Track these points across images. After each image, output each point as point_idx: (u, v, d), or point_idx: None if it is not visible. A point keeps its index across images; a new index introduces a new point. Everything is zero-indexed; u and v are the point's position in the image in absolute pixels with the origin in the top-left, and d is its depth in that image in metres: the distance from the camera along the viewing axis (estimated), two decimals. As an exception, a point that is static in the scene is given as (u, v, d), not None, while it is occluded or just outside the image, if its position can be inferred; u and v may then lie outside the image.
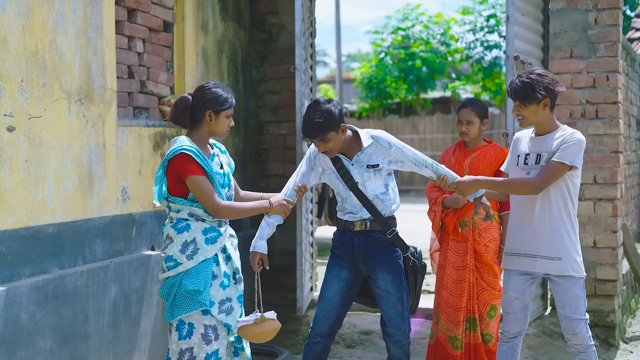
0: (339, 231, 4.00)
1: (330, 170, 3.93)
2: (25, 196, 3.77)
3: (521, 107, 3.78)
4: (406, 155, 3.91)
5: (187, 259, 3.45)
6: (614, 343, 5.46)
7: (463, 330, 4.59)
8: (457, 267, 4.60)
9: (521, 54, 5.19)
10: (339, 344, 5.71)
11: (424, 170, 3.94)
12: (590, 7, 5.43)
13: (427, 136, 23.30)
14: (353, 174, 3.88)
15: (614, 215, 5.45)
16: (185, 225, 3.48)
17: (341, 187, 3.91)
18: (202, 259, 3.46)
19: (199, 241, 3.47)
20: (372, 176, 3.89)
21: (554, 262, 3.76)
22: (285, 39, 6.39)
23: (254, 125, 6.49)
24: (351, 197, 3.90)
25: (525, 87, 3.73)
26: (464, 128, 4.63)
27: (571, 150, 3.69)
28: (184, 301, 3.43)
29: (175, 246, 3.47)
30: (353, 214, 3.92)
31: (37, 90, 3.84)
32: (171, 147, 3.49)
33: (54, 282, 3.85)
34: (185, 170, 3.42)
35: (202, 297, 3.41)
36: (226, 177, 3.63)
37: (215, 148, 3.68)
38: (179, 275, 3.45)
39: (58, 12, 4.00)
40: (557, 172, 3.70)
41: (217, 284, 3.48)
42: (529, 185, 3.74)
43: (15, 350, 3.57)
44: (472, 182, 3.84)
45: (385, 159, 3.90)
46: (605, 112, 5.43)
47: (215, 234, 3.52)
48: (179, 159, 3.42)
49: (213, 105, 3.52)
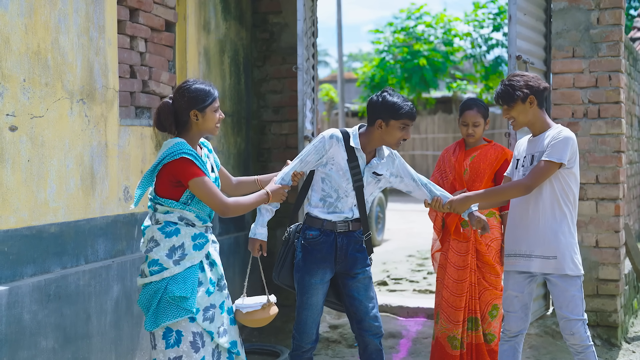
0: (320, 232, 3.83)
1: (339, 166, 3.79)
2: (28, 196, 3.77)
3: (508, 109, 3.86)
4: (408, 171, 3.97)
5: (173, 264, 3.30)
6: (617, 343, 5.46)
7: (464, 330, 4.60)
8: (458, 267, 4.60)
9: (523, 54, 5.18)
10: (340, 344, 5.70)
11: (420, 189, 3.98)
12: (593, 7, 5.42)
13: (428, 136, 23.29)
14: (364, 176, 3.83)
15: (616, 215, 5.44)
16: (175, 229, 3.34)
17: (343, 186, 3.80)
18: (189, 265, 3.33)
19: (187, 247, 3.34)
20: (372, 183, 3.88)
21: (549, 261, 3.80)
22: (287, 39, 6.39)
23: (256, 125, 6.49)
24: (348, 198, 3.82)
25: (507, 88, 3.83)
26: (470, 130, 4.61)
27: (558, 148, 3.72)
28: (169, 308, 3.27)
29: (162, 250, 3.32)
30: (338, 213, 3.82)
31: (39, 90, 3.84)
32: (165, 149, 3.35)
33: (56, 281, 3.85)
34: (188, 174, 3.30)
35: (188, 304, 3.27)
36: (217, 181, 3.54)
37: (204, 148, 3.58)
38: (163, 281, 3.30)
39: (60, 11, 4.00)
40: (545, 171, 3.73)
41: (203, 290, 3.35)
42: (519, 187, 3.80)
43: (17, 349, 3.57)
44: (464, 200, 3.92)
45: (389, 171, 3.92)
46: (608, 111, 5.43)
47: (203, 240, 3.39)
48: (178, 163, 3.30)
49: (196, 104, 3.39)
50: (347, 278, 3.88)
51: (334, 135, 3.80)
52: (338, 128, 3.88)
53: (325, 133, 3.82)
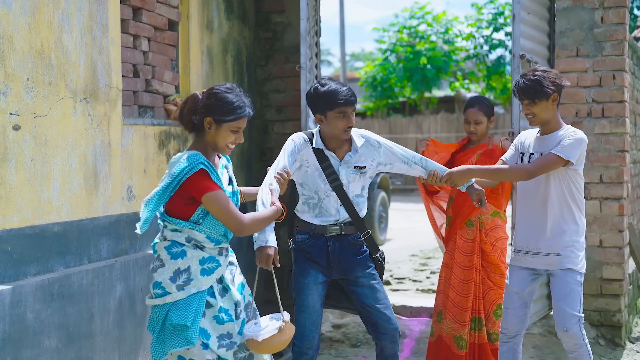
0: (309, 235, 3.73)
1: (313, 168, 3.69)
2: (31, 195, 3.77)
3: (531, 105, 3.78)
4: (395, 154, 3.76)
5: (177, 289, 3.02)
6: (620, 343, 5.44)
7: (468, 330, 4.60)
8: (465, 267, 4.60)
9: (527, 53, 5.17)
10: (343, 343, 5.70)
11: (414, 167, 3.77)
12: (597, 6, 5.41)
13: (431, 135, 23.28)
14: (340, 174, 3.69)
15: (620, 214, 5.43)
16: (181, 251, 3.06)
17: (321, 187, 3.69)
18: (194, 292, 3.03)
19: (193, 271, 3.04)
20: (357, 178, 3.73)
21: (554, 257, 3.81)
22: (290, 38, 6.39)
23: (259, 124, 6.49)
24: (330, 198, 3.70)
25: (534, 84, 3.75)
26: (472, 128, 4.63)
27: (570, 146, 3.72)
28: (172, 335, 3.02)
29: (166, 272, 3.05)
30: (326, 216, 3.72)
31: (42, 89, 3.84)
32: (179, 165, 3.02)
33: (59, 281, 3.85)
34: (201, 188, 2.99)
35: (189, 334, 2.98)
36: (235, 195, 3.23)
37: (222, 158, 3.27)
38: (165, 306, 3.04)
39: (63, 10, 3.99)
40: (551, 163, 3.72)
41: (211, 314, 3.07)
42: (522, 171, 3.77)
43: (21, 349, 3.57)
44: (464, 172, 3.77)
45: (374, 160, 3.75)
46: (612, 111, 5.41)
47: (214, 265, 3.08)
48: (193, 178, 2.98)
49: (214, 113, 3.05)
50: (350, 284, 3.80)
51: (301, 137, 3.73)
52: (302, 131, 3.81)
53: (293, 137, 3.73)
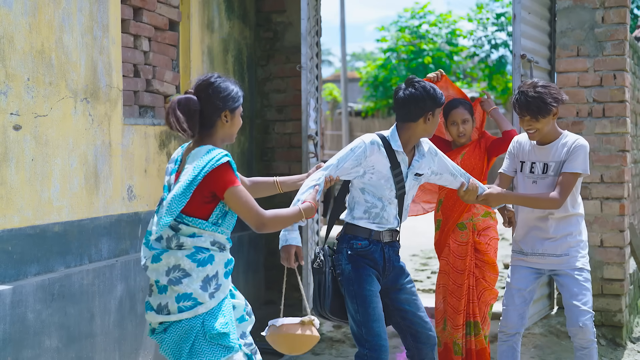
0: (369, 242, 3.56)
1: (380, 174, 3.52)
2: (32, 195, 3.77)
3: (533, 121, 3.82)
4: (446, 164, 3.73)
5: (209, 297, 2.83)
6: (621, 343, 5.44)
7: (462, 335, 4.55)
8: (459, 271, 4.57)
9: (528, 53, 5.17)
10: (344, 344, 5.69)
11: (457, 180, 3.75)
12: (597, 5, 5.40)
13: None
14: (406, 181, 3.58)
15: (621, 214, 5.43)
16: (208, 257, 2.86)
17: (386, 194, 3.54)
18: (223, 297, 2.88)
19: (220, 275, 2.89)
20: (414, 185, 3.64)
21: (561, 258, 3.89)
22: (290, 38, 6.39)
23: (260, 124, 6.49)
24: (392, 205, 3.57)
25: (537, 101, 3.78)
26: (461, 128, 4.47)
27: (580, 159, 3.83)
28: (208, 349, 2.81)
29: (195, 282, 2.82)
30: (385, 224, 3.58)
31: (43, 89, 3.84)
32: (201, 158, 2.83)
33: (60, 280, 3.85)
34: (225, 182, 2.82)
35: (229, 340, 2.83)
36: None
37: None
38: (198, 317, 2.83)
39: (64, 10, 4.00)
40: (573, 183, 3.83)
41: (236, 317, 2.98)
42: (553, 202, 3.83)
43: (21, 349, 3.57)
44: (500, 197, 3.89)
45: (430, 168, 3.68)
46: (613, 110, 5.41)
47: (232, 266, 2.98)
48: (217, 171, 2.81)
49: (229, 104, 2.94)
50: (394, 292, 3.66)
51: (375, 141, 3.53)
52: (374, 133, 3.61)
53: (365, 138, 3.53)
